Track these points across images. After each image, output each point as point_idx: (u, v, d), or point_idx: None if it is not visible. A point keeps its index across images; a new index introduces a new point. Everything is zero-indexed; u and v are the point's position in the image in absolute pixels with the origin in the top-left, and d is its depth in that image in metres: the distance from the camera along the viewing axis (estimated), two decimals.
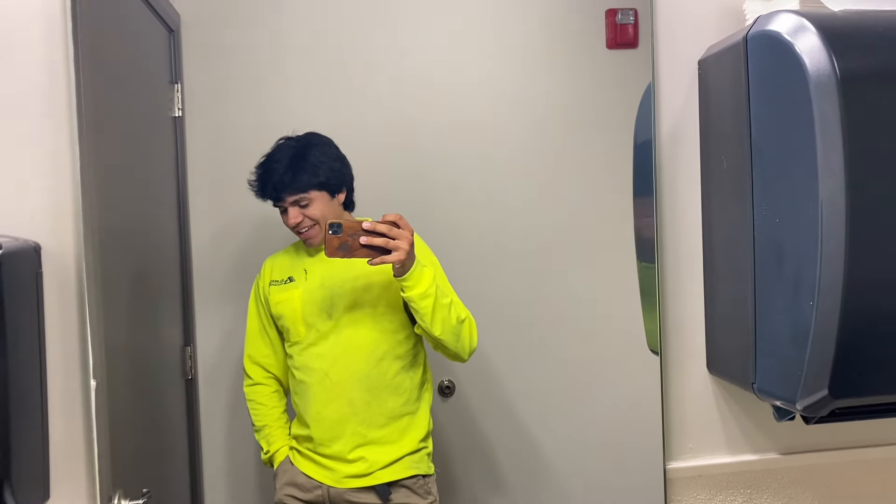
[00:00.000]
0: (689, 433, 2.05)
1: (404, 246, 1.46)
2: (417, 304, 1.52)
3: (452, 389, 2.00)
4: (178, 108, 1.91)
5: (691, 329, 2.02)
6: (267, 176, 1.61)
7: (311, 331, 1.65)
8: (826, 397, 1.55)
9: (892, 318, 1.52)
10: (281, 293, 1.68)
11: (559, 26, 1.99)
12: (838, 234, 1.47)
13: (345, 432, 1.64)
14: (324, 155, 1.62)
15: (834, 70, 1.47)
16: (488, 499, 2.03)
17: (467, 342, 1.59)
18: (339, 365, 1.63)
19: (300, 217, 1.61)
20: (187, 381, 1.94)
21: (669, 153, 1.99)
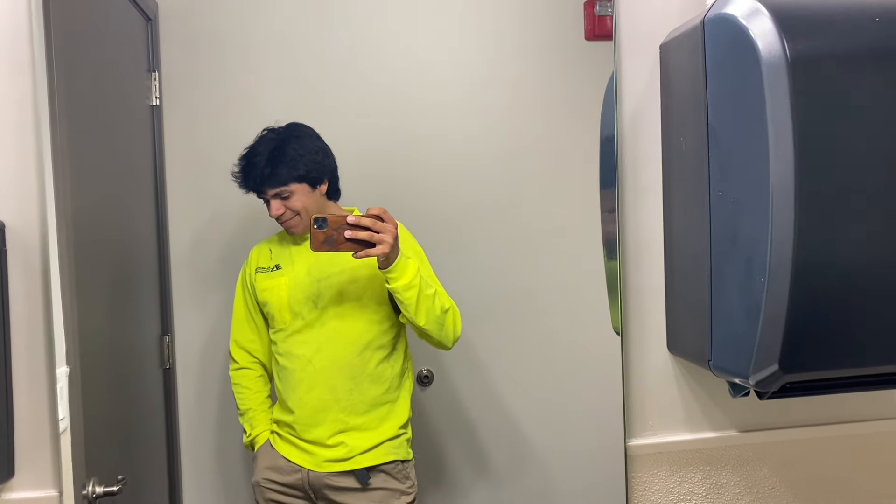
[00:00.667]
0: (649, 411, 2.09)
1: (388, 239, 1.49)
2: (402, 296, 1.55)
3: (431, 379, 2.03)
4: (155, 97, 1.91)
5: (652, 310, 2.06)
6: (248, 169, 1.64)
7: (296, 318, 1.68)
8: (777, 372, 1.59)
9: (839, 296, 1.56)
10: (267, 280, 1.71)
11: (539, 18, 2.01)
12: (788, 215, 1.51)
13: (326, 419, 1.67)
14: (304, 147, 1.65)
15: (785, 53, 1.50)
16: (466, 482, 2.07)
17: (451, 331, 1.63)
18: (322, 353, 1.66)
19: (282, 209, 1.64)
20: (165, 370, 1.96)
21: (632, 138, 2.02)
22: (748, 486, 2.15)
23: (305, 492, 1.70)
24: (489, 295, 2.02)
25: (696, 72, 1.75)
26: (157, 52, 1.91)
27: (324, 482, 1.68)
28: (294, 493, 1.72)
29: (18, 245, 1.55)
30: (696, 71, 1.76)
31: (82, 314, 1.44)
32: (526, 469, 2.08)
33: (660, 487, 2.12)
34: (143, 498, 1.78)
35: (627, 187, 2.03)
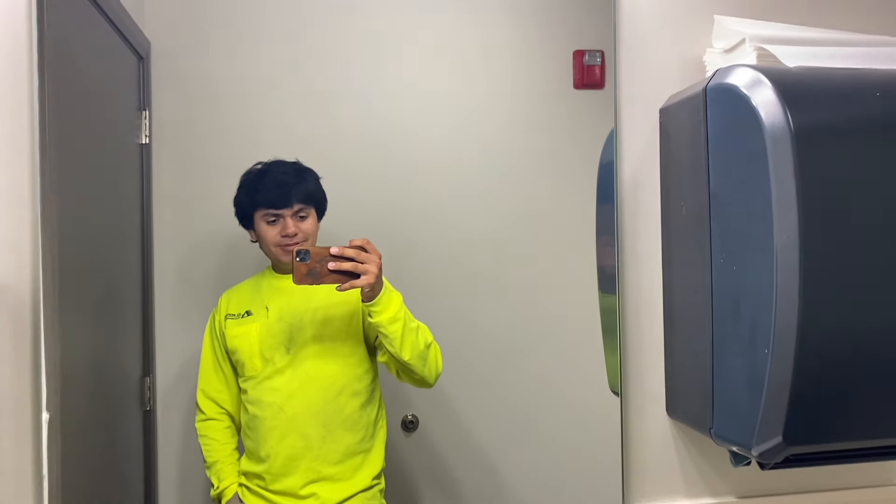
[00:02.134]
0: (648, 476, 2.06)
1: (373, 269, 1.48)
2: (387, 329, 1.52)
3: (416, 424, 1.99)
4: (144, 136, 1.90)
5: (651, 372, 2.04)
6: (273, 180, 1.61)
7: (267, 365, 1.64)
8: (780, 444, 1.57)
9: (845, 368, 1.55)
10: (238, 327, 1.68)
11: (530, 66, 2.04)
12: (792, 285, 1.50)
13: (298, 468, 1.63)
14: (316, 177, 1.69)
15: (788, 124, 1.51)
16: None
17: (433, 366, 1.61)
18: (294, 399, 1.62)
19: (297, 229, 1.62)
20: (145, 412, 1.91)
21: (631, 198, 2.02)
22: None
23: None
24: (477, 339, 2.00)
25: (698, 138, 1.76)
26: (148, 91, 1.90)
27: None
28: None
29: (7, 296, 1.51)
30: (697, 137, 1.76)
31: (65, 358, 1.42)
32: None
33: None
34: None
35: (627, 249, 2.02)
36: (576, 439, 2.04)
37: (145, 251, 1.90)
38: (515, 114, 2.03)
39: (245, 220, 1.69)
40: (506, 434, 2.02)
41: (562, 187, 2.03)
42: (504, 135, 2.02)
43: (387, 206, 1.97)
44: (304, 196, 1.62)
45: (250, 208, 1.66)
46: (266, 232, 1.64)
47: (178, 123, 1.92)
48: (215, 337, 1.74)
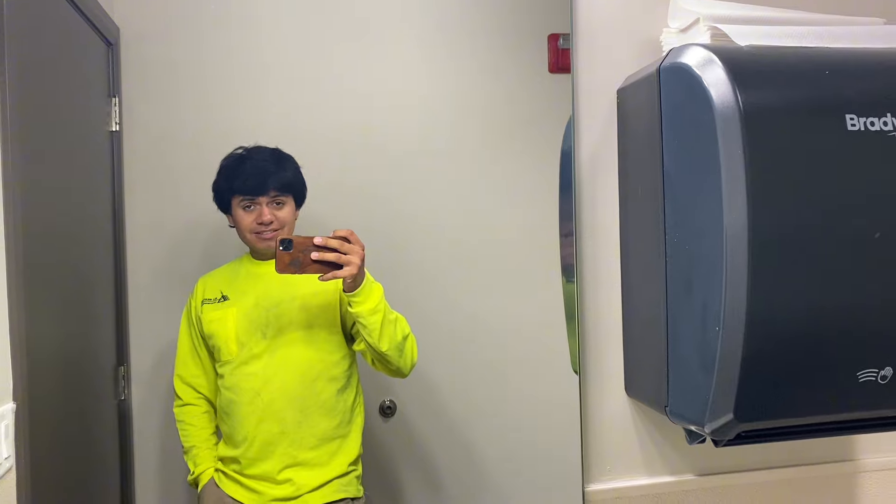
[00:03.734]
0: (607, 455, 2.08)
1: (356, 261, 1.47)
2: (366, 320, 1.52)
3: (394, 409, 2.00)
4: (115, 123, 1.88)
5: (610, 351, 2.06)
6: (251, 167, 1.60)
7: (243, 350, 1.63)
8: (732, 421, 1.59)
9: (794, 345, 1.57)
10: (214, 311, 1.67)
11: (505, 49, 2.03)
12: (741, 264, 1.51)
13: (274, 453, 1.62)
14: (296, 165, 1.66)
15: (738, 103, 1.52)
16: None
17: (409, 357, 1.61)
18: (271, 384, 1.62)
19: (272, 217, 1.60)
20: (120, 401, 1.90)
21: (590, 179, 2.03)
22: None
23: None
24: (451, 326, 2.01)
25: (653, 118, 1.76)
26: (118, 78, 1.88)
27: None
28: None
29: None
30: (652, 117, 1.77)
31: (32, 346, 1.39)
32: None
33: None
34: None
35: (585, 231, 2.02)
36: (546, 420, 2.05)
37: (117, 240, 1.88)
38: (491, 97, 2.02)
39: (223, 205, 1.68)
40: (480, 417, 2.04)
41: (537, 169, 2.03)
42: (479, 118, 2.01)
43: (365, 191, 1.96)
44: (281, 184, 1.61)
45: (227, 194, 1.64)
46: (242, 218, 1.63)
47: (150, 110, 1.89)
48: (192, 322, 1.73)
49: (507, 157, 2.02)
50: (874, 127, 1.54)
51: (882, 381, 1.60)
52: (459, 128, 2.01)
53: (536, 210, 2.03)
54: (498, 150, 2.02)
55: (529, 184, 2.03)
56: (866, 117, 1.54)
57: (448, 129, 2.00)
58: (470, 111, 2.01)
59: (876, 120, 1.54)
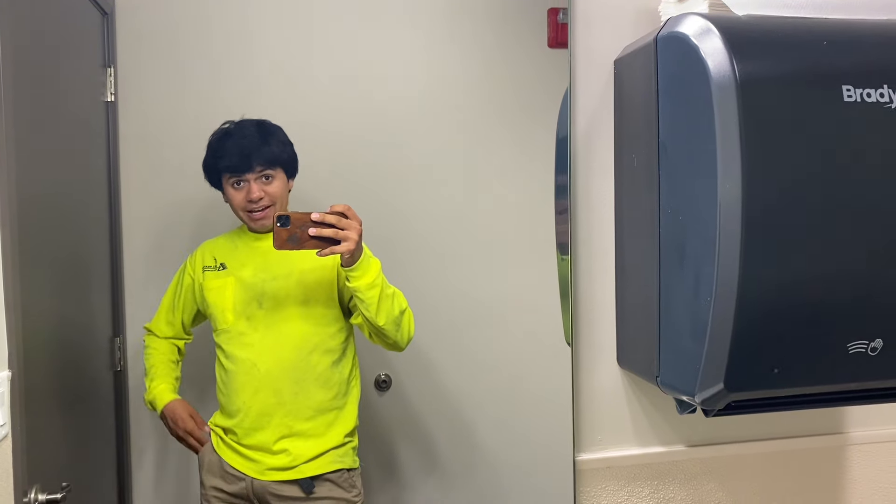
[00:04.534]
0: (598, 426, 2.09)
1: (353, 236, 1.48)
2: (364, 295, 1.53)
3: (389, 383, 2.01)
4: (110, 93, 1.86)
5: (602, 323, 2.06)
6: (235, 144, 1.59)
7: (240, 319, 1.64)
8: (722, 391, 1.60)
9: (785, 316, 1.57)
10: (215, 279, 1.67)
11: (504, 24, 2.01)
12: (734, 235, 1.51)
13: (270, 423, 1.64)
14: (284, 137, 1.65)
15: (734, 73, 1.51)
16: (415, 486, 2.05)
17: (406, 332, 1.62)
18: (267, 355, 1.63)
19: (262, 193, 1.60)
20: (115, 373, 1.91)
21: (585, 151, 2.02)
22: (695, 500, 2.16)
23: (250, 500, 1.67)
24: (447, 300, 2.01)
25: (649, 89, 1.75)
26: (113, 48, 1.86)
27: (267, 490, 1.65)
28: (239, 503, 1.68)
29: None
30: (648, 88, 1.76)
31: (28, 316, 1.39)
32: (475, 480, 2.06)
33: (608, 502, 2.12)
34: (88, 499, 1.73)
35: (580, 204, 2.02)
36: (538, 392, 2.06)
37: (112, 211, 1.87)
38: (487, 71, 2.00)
39: (214, 183, 1.67)
40: (474, 389, 2.04)
41: (533, 144, 2.01)
42: (477, 94, 1.99)
43: (362, 166, 1.95)
44: (267, 158, 1.60)
45: (216, 173, 1.64)
46: (233, 196, 1.62)
47: (145, 81, 1.87)
48: (181, 283, 1.73)
49: (504, 133, 2.00)
50: (870, 98, 1.53)
51: (872, 353, 1.61)
52: (456, 102, 1.99)
53: (534, 185, 2.02)
54: (495, 126, 2.00)
55: (526, 159, 2.02)
56: (863, 88, 1.53)
57: (444, 103, 1.99)
58: (467, 86, 1.99)
59: (872, 91, 1.53)
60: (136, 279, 1.91)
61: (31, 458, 1.37)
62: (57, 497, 1.41)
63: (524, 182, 2.03)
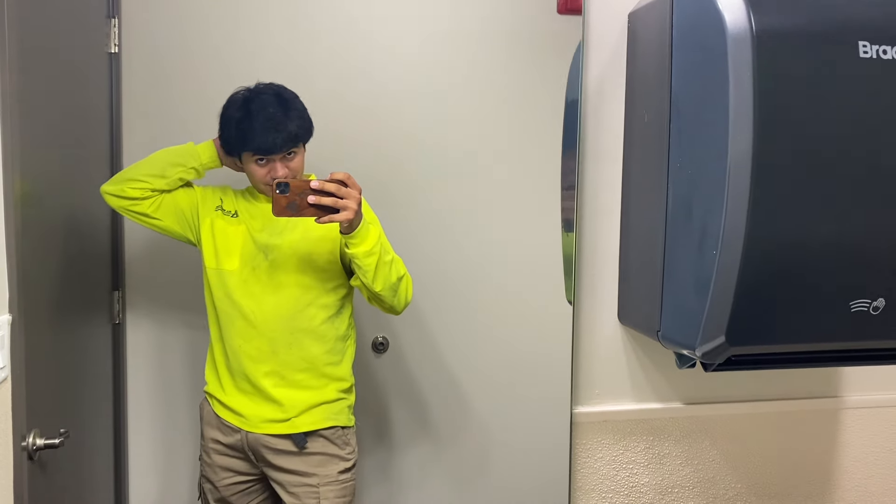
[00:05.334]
0: (596, 380, 2.12)
1: (352, 205, 1.47)
2: (361, 262, 1.53)
3: (386, 346, 2.02)
4: (114, 44, 1.84)
5: (605, 280, 2.08)
6: (262, 124, 1.55)
7: (245, 268, 1.64)
8: (723, 344, 1.61)
9: (788, 273, 1.58)
10: (226, 224, 1.67)
11: None
12: (743, 189, 1.52)
13: (263, 370, 1.64)
14: (301, 105, 1.61)
15: (751, 27, 1.50)
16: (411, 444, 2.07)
17: (403, 297, 1.62)
18: (265, 305, 1.63)
19: (286, 171, 1.59)
20: (114, 325, 1.92)
21: (595, 106, 2.01)
22: (689, 457, 2.19)
23: (245, 453, 1.69)
24: (445, 262, 2.01)
25: (663, 42, 1.74)
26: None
27: (261, 443, 1.66)
28: (236, 455, 1.70)
29: None
30: (662, 41, 1.75)
31: (29, 264, 1.39)
32: (472, 433, 2.08)
33: (603, 455, 2.15)
34: (85, 452, 1.75)
35: (588, 156, 2.02)
36: (532, 347, 2.07)
37: (114, 162, 1.87)
38: (496, 38, 1.97)
39: (232, 154, 1.65)
40: (473, 348, 2.06)
41: (541, 110, 1.99)
42: (484, 58, 1.97)
43: (365, 130, 1.94)
44: (294, 139, 1.58)
45: (239, 149, 1.61)
46: (255, 171, 1.61)
47: (149, 33, 1.86)
48: (196, 199, 1.69)
49: (511, 98, 1.99)
50: (886, 56, 1.53)
51: (874, 312, 1.62)
52: (465, 68, 1.97)
53: (539, 152, 2.01)
54: (503, 91, 1.98)
55: (533, 125, 2.00)
56: (879, 45, 1.52)
57: (453, 70, 1.96)
58: (476, 50, 1.97)
59: (889, 48, 1.53)
60: (135, 235, 1.91)
61: (30, 402, 1.38)
62: (55, 442, 1.42)
63: (530, 148, 2.01)
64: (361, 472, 1.99)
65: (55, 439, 1.42)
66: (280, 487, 1.68)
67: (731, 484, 2.23)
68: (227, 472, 1.71)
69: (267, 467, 1.68)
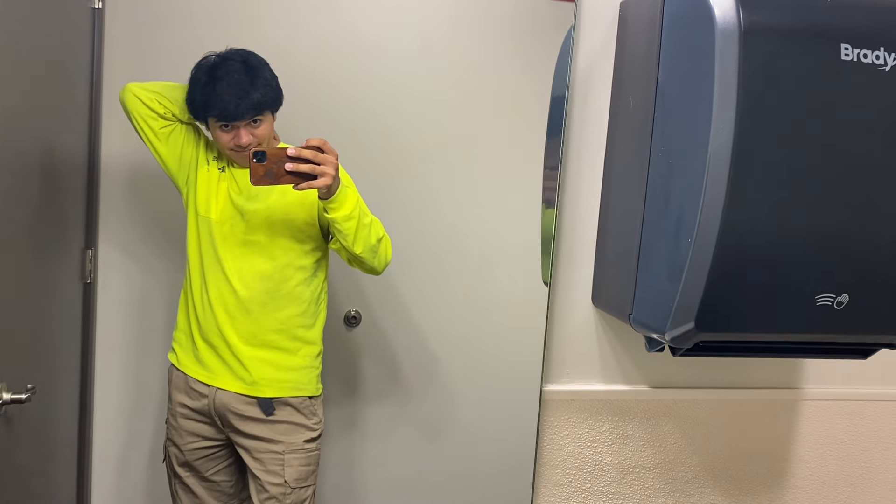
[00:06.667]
0: (567, 359, 2.17)
1: (330, 171, 1.48)
2: (341, 226, 1.55)
3: (359, 319, 2.04)
4: (97, 0, 1.83)
5: (581, 262, 2.12)
6: (225, 91, 1.55)
7: (225, 224, 1.65)
8: (692, 330, 1.66)
9: (759, 263, 1.63)
10: (215, 176, 1.68)
11: None
12: (721, 180, 1.56)
13: (235, 326, 1.66)
14: (270, 73, 1.61)
15: (739, 22, 1.54)
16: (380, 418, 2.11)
17: (383, 258, 1.65)
18: (242, 262, 1.65)
19: (250, 138, 1.59)
20: (86, 284, 1.92)
21: (582, 92, 2.04)
22: (652, 438, 2.26)
23: (212, 418, 1.71)
24: (424, 237, 2.03)
25: (653, 31, 1.77)
26: None
27: (228, 408, 1.68)
28: (202, 420, 1.72)
29: None
30: (652, 31, 1.78)
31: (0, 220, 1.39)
32: (441, 408, 2.12)
33: (569, 433, 2.20)
34: (51, 408, 1.76)
35: (573, 140, 2.05)
36: (506, 324, 2.11)
37: (93, 121, 1.86)
38: (488, 22, 1.98)
39: (198, 118, 1.65)
40: (447, 324, 2.09)
41: (529, 95, 2.01)
42: (474, 44, 1.98)
43: (345, 95, 1.94)
44: (258, 106, 1.57)
45: (204, 113, 1.61)
46: (220, 136, 1.61)
47: None
48: (201, 145, 1.69)
49: (500, 83, 2.00)
50: (867, 59, 1.57)
51: (838, 307, 1.68)
52: (453, 53, 1.98)
53: (523, 133, 2.03)
54: (492, 77, 2.00)
55: (520, 106, 2.02)
56: (860, 49, 1.57)
57: (441, 53, 1.97)
58: (465, 36, 1.98)
59: (869, 52, 1.57)
60: (111, 193, 1.91)
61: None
62: (21, 397, 1.43)
63: (515, 131, 2.03)
64: (328, 425, 2.02)
65: (22, 394, 1.44)
66: (245, 453, 1.71)
67: (691, 466, 2.30)
68: (192, 437, 1.73)
69: (233, 433, 1.71)
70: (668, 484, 2.30)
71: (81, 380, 1.94)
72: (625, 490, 2.28)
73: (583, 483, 2.25)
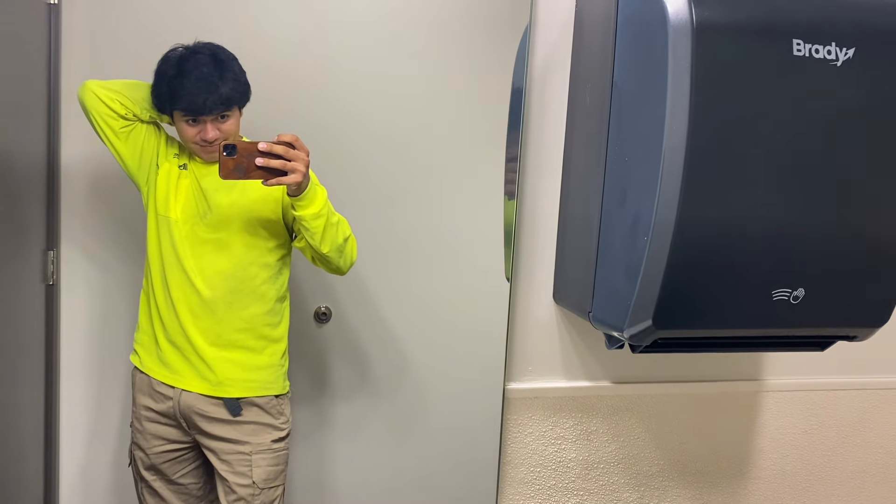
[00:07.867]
0: (530, 357, 2.16)
1: (301, 168, 1.45)
2: (309, 224, 1.52)
3: (329, 316, 2.01)
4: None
5: (543, 260, 2.11)
6: (192, 84, 1.51)
7: (187, 223, 1.62)
8: (650, 327, 1.66)
9: (715, 260, 1.63)
10: (175, 175, 1.64)
11: None
12: (676, 178, 1.56)
13: (198, 327, 1.63)
14: (239, 68, 1.58)
15: (691, 19, 1.53)
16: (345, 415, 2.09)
17: (349, 258, 1.63)
18: (205, 260, 1.61)
19: (217, 133, 1.56)
20: (48, 286, 1.87)
21: (540, 88, 2.03)
22: (616, 434, 2.26)
23: (177, 420, 1.67)
24: (391, 233, 2.02)
25: (608, 28, 1.76)
26: None
27: (193, 410, 1.65)
28: (168, 422, 1.69)
29: None
30: (607, 27, 1.77)
31: None
32: (409, 406, 2.11)
33: (533, 430, 2.20)
34: (15, 411, 1.72)
35: (531, 135, 2.04)
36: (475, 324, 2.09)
37: (51, 118, 1.81)
38: (447, 18, 1.96)
39: (163, 111, 1.61)
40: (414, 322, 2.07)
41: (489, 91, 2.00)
42: (436, 36, 1.96)
43: (309, 89, 1.91)
44: (226, 101, 1.54)
45: (170, 107, 1.57)
46: (185, 130, 1.57)
47: None
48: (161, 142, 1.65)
49: (462, 73, 1.98)
50: (818, 55, 1.57)
51: (794, 302, 1.69)
52: (420, 48, 1.96)
53: (484, 129, 2.01)
54: (451, 63, 1.97)
55: (481, 102, 2.00)
56: (812, 44, 1.57)
57: (407, 49, 1.95)
58: (431, 30, 1.96)
59: (821, 48, 1.57)
60: (72, 193, 1.87)
61: None
62: None
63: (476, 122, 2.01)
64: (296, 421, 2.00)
65: None
66: (212, 455, 1.68)
67: (655, 460, 2.31)
68: (158, 440, 1.70)
69: (199, 434, 1.68)
70: (632, 478, 2.31)
71: (46, 382, 1.89)
72: (589, 486, 2.28)
73: (547, 480, 2.25)
